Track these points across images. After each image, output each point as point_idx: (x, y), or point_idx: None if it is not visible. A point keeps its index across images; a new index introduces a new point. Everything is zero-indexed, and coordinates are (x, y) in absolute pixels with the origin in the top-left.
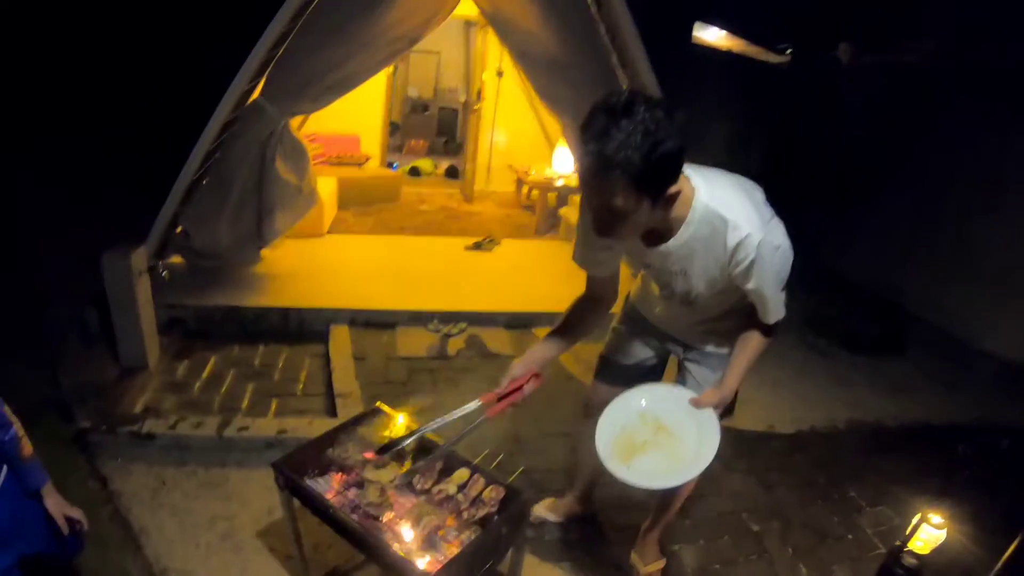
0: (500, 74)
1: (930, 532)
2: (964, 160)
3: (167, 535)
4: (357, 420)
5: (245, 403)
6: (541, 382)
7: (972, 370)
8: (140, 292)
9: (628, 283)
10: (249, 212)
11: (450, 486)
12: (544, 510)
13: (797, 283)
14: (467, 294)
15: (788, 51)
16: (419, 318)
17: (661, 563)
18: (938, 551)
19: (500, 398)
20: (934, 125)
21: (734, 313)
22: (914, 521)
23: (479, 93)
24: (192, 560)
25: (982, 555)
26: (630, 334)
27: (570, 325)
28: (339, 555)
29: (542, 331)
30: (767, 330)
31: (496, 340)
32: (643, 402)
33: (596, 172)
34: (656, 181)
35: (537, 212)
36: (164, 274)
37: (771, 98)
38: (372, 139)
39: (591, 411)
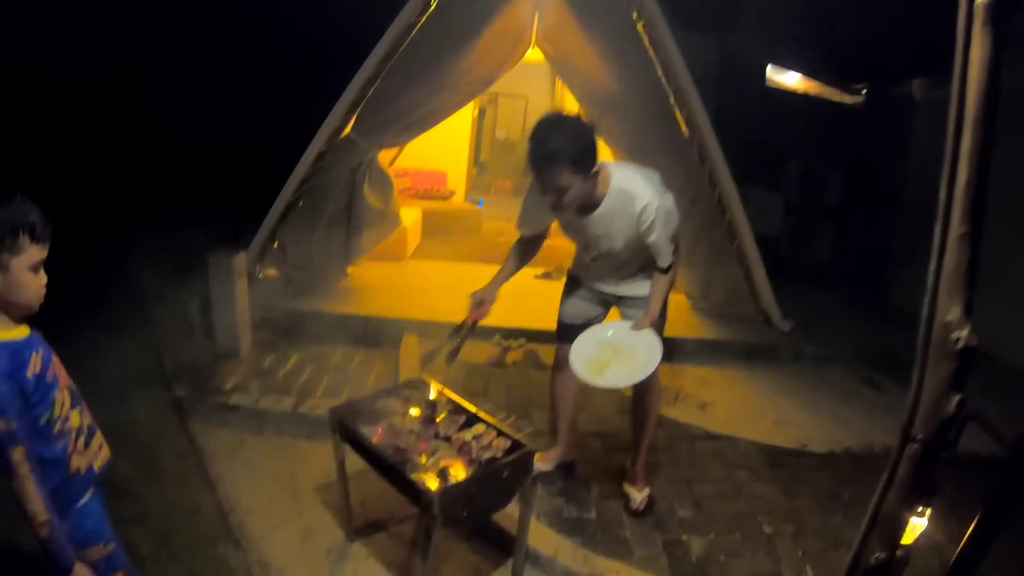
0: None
1: (913, 521)
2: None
3: (238, 482)
4: (403, 385)
5: (319, 391)
6: (490, 307)
7: None
8: (239, 291)
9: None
10: (338, 232)
11: (467, 435)
12: (536, 461)
13: (862, 318)
14: (530, 315)
15: (863, 90)
16: (485, 332)
17: (647, 490)
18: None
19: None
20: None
21: (645, 266)
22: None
23: None
24: (256, 502)
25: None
26: (576, 299)
27: (515, 260)
28: (382, 511)
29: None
30: (665, 271)
31: (551, 355)
32: (599, 336)
33: (546, 162)
34: (585, 161)
35: None
36: (261, 276)
37: (846, 137)
38: (458, 176)
39: (560, 366)
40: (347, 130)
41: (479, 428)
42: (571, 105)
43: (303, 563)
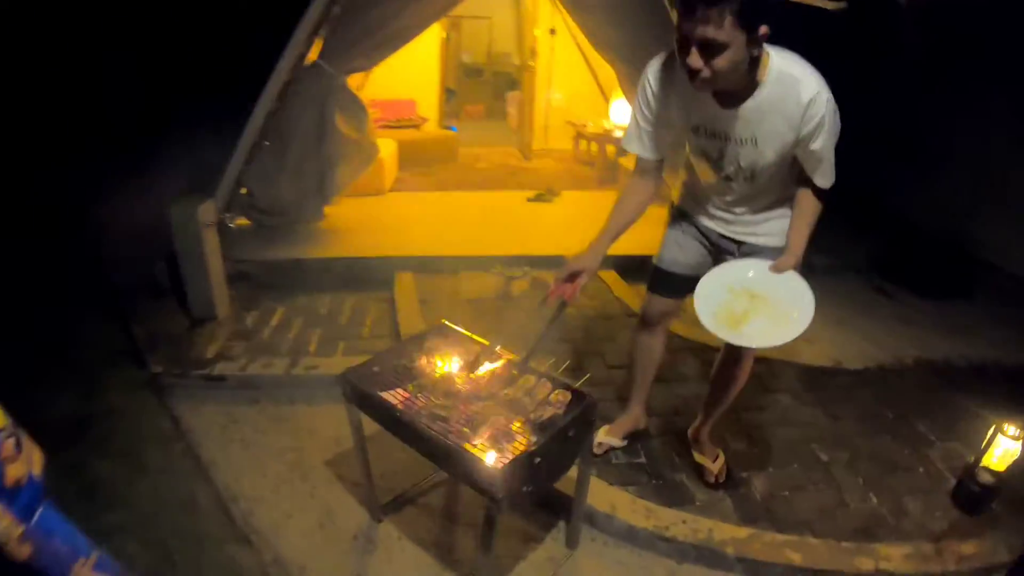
0: (552, 32)
1: (1006, 445)
2: None
3: (236, 466)
4: (424, 335)
5: (313, 346)
6: (592, 276)
7: None
8: (208, 244)
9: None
10: (311, 168)
11: (517, 390)
12: (605, 436)
13: (864, 226)
14: (529, 241)
15: None
16: (482, 264)
17: (722, 457)
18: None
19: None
20: (1002, 65)
21: (784, 198)
22: (988, 434)
23: (532, 51)
24: (261, 488)
25: None
26: (682, 241)
27: (620, 211)
28: (406, 480)
29: (608, 274)
30: (820, 194)
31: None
32: (728, 279)
33: (707, 4)
34: (754, 17)
35: (596, 164)
36: (232, 225)
37: (829, 45)
38: (429, 103)
39: (648, 322)
40: (312, 55)
41: (529, 380)
42: (540, 22)
43: (326, 555)
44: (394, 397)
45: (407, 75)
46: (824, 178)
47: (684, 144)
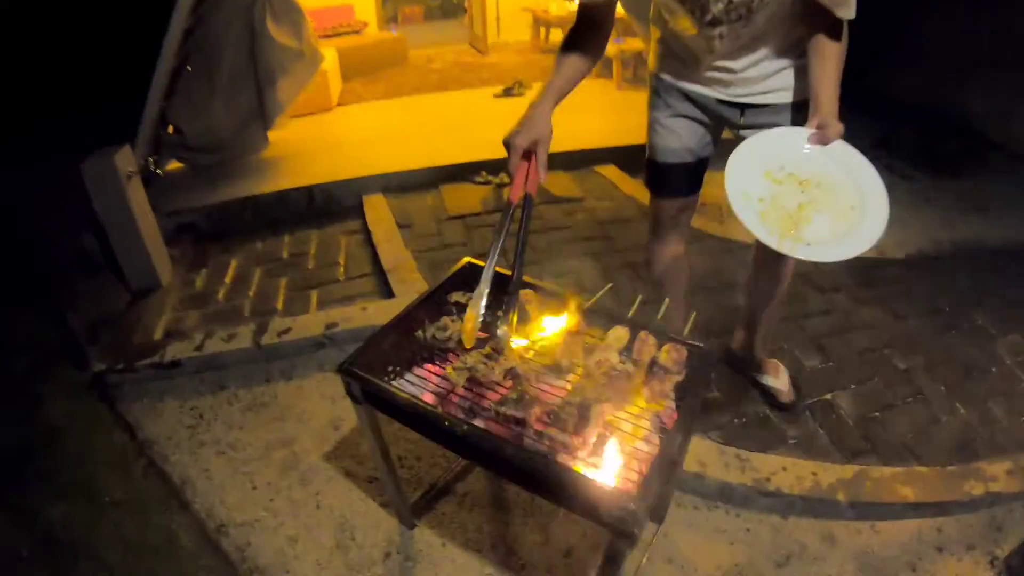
0: None
1: None
2: None
3: (215, 480)
4: (445, 286)
5: (280, 302)
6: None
7: None
8: (134, 199)
9: None
10: (246, 89)
11: (608, 353)
12: None
13: (853, 105)
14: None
15: None
16: (463, 172)
17: (784, 372)
18: None
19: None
20: None
21: (789, 45)
22: None
23: None
24: (252, 506)
25: None
26: (670, 122)
27: (573, 60)
28: (433, 465)
29: (605, 168)
30: (840, 31)
31: (557, 184)
32: (762, 162)
33: None
34: None
35: None
36: (160, 172)
37: None
38: (365, 6)
39: (661, 230)
40: None
41: (620, 334)
42: None
43: None
44: (434, 394)
45: None
46: (846, 7)
47: None
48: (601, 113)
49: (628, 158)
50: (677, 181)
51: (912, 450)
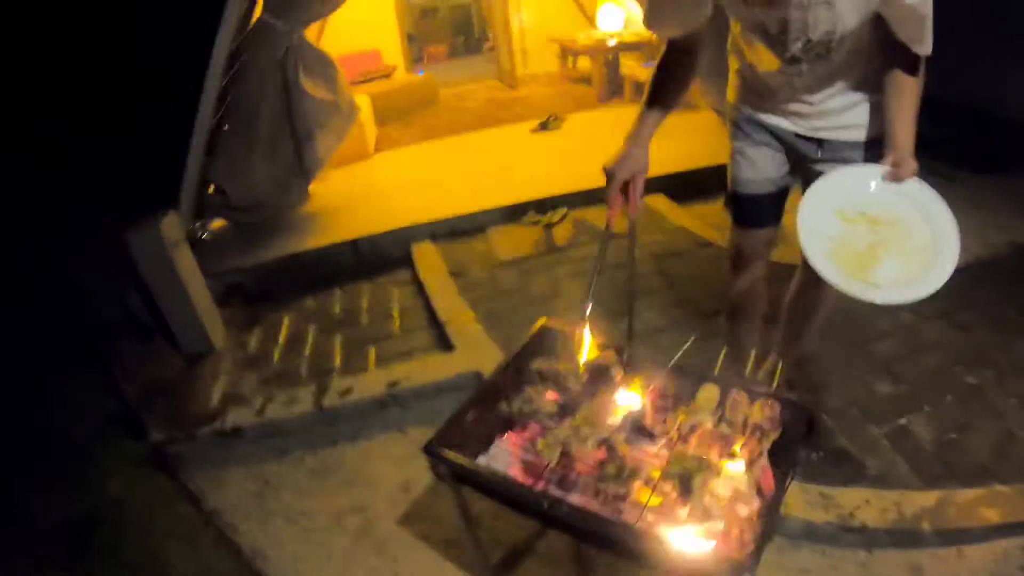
0: None
1: None
2: None
3: (289, 550)
4: (525, 353)
5: (337, 361)
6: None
7: None
8: (182, 265)
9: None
10: (284, 144)
11: (701, 415)
12: None
13: None
14: (553, 176)
15: None
16: (511, 214)
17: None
18: None
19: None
20: None
21: (865, 79)
22: None
23: None
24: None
25: None
26: (751, 152)
27: (662, 93)
28: (512, 524)
29: (656, 199)
30: (918, 67)
31: (600, 218)
32: (833, 200)
33: None
34: None
35: (595, 79)
36: (205, 235)
37: None
38: (392, 49)
39: (743, 262)
40: (256, 13)
41: (711, 393)
42: None
43: None
44: (524, 466)
45: (364, 23)
46: (923, 44)
47: (726, 21)
48: None
49: (676, 185)
50: (760, 211)
51: (990, 469)
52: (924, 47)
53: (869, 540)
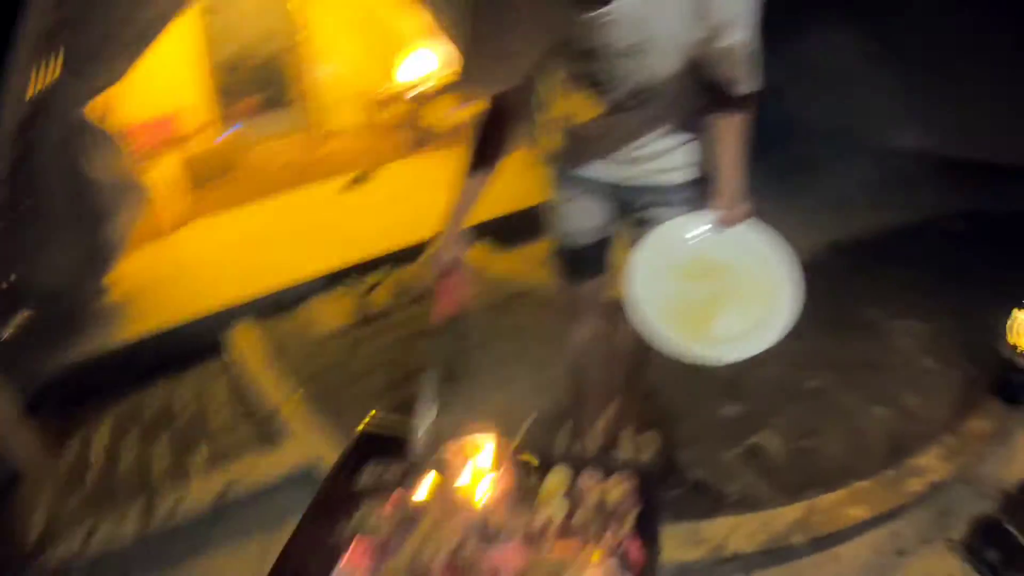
0: None
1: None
2: None
3: None
4: (349, 464)
5: (166, 466)
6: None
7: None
8: None
9: None
10: (79, 232)
11: (553, 507)
12: None
13: None
14: (370, 236)
15: None
16: (329, 281)
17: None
18: None
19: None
20: None
21: (690, 114)
22: (1015, 318)
23: (299, 20)
24: None
25: None
26: (580, 202)
27: (482, 156)
28: None
29: (477, 251)
30: (744, 103)
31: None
32: (665, 258)
33: None
34: None
35: (405, 129)
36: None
37: None
38: (197, 108)
39: (578, 313)
40: (51, 73)
41: (559, 478)
42: None
43: None
44: None
45: (166, 83)
46: (748, 81)
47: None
48: (445, 190)
49: (501, 230)
50: (588, 263)
51: (847, 467)
52: (747, 86)
53: (746, 565)
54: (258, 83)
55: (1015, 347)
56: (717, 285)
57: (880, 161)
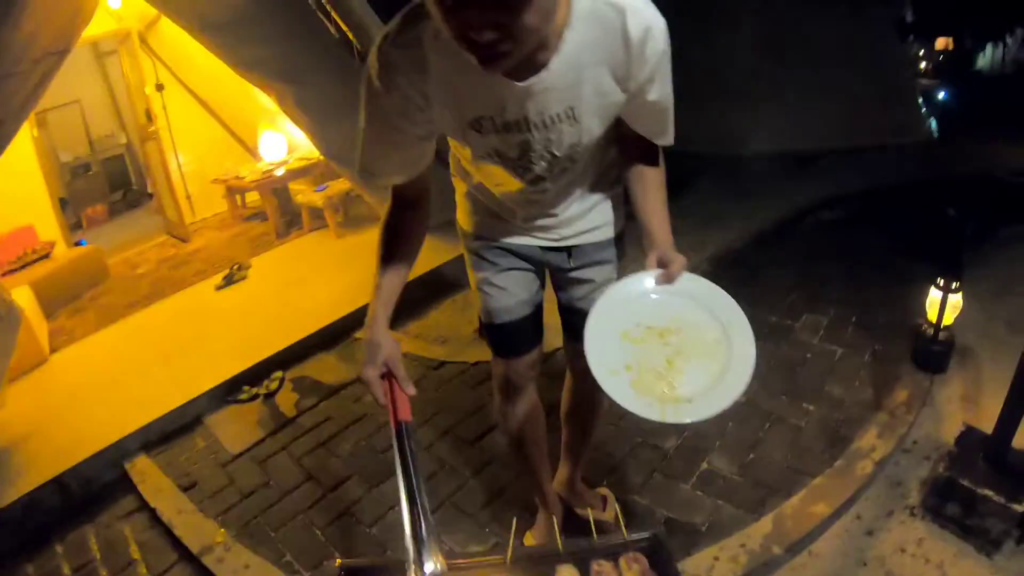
0: (160, 87)
1: (951, 299)
2: None
3: None
4: None
5: None
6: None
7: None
8: None
9: None
10: None
11: None
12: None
13: None
14: (256, 336)
15: None
16: (223, 393)
17: (610, 495)
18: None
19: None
20: None
21: (609, 172)
22: (932, 296)
23: (148, 114)
24: None
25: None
26: (503, 279)
27: (391, 254)
28: None
29: (363, 332)
30: (660, 157)
31: (326, 369)
32: (617, 325)
33: None
34: None
35: (270, 215)
36: None
37: None
38: (46, 220)
39: (513, 389)
40: None
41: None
42: (144, 81)
43: None
44: None
45: (8, 195)
46: (666, 135)
47: (454, 149)
48: (325, 274)
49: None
50: (521, 337)
51: (798, 468)
52: (667, 138)
53: None
54: (110, 186)
55: (931, 322)
56: (672, 344)
57: (743, 169)
